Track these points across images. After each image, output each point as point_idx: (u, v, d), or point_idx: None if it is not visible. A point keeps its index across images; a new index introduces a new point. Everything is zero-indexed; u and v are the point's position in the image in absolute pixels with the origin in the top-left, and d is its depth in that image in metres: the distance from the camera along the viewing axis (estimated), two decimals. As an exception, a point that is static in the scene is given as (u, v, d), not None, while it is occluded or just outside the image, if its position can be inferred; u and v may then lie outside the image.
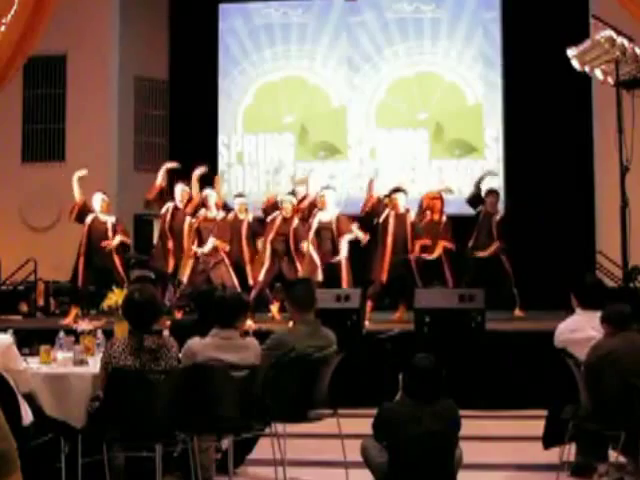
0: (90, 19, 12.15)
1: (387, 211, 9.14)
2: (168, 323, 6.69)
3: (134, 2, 12.56)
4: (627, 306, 4.85)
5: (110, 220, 9.33)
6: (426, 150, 12.01)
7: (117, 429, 4.34)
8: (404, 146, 12.04)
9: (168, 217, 9.29)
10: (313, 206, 9.19)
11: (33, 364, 4.76)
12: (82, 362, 4.85)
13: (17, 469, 2.59)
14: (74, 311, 9.05)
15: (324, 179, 12.16)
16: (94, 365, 4.70)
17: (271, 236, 9.00)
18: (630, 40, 6.42)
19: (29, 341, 5.35)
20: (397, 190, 9.20)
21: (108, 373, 4.37)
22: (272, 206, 9.32)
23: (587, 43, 6.70)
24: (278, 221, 9.06)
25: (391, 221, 9.01)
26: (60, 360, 4.90)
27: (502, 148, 11.84)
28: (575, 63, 6.84)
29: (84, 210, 9.30)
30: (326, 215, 8.94)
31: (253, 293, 8.78)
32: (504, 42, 11.91)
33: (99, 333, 5.43)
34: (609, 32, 6.37)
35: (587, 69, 6.82)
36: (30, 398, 4.41)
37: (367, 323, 8.04)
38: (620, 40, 6.33)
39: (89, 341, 5.18)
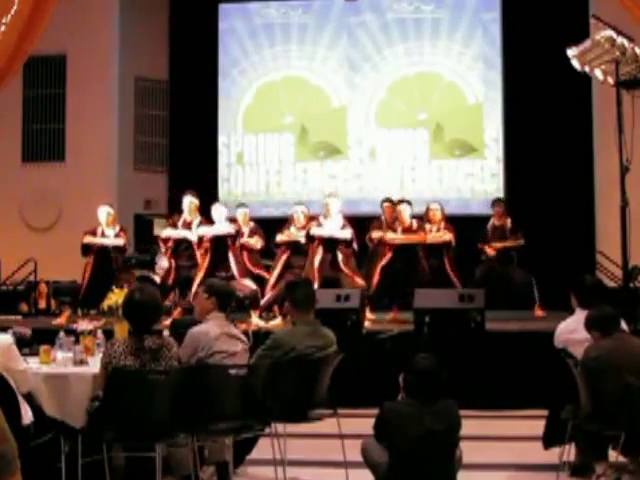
0: (90, 19, 12.15)
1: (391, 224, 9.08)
2: (168, 323, 6.70)
3: (134, 2, 12.55)
4: (609, 308, 4.86)
5: (113, 232, 9.22)
6: (426, 150, 12.01)
7: (117, 429, 4.34)
8: (404, 146, 12.04)
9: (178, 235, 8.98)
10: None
11: (33, 364, 4.75)
12: (82, 362, 4.85)
13: (17, 470, 2.60)
14: (67, 311, 9.08)
15: (324, 179, 12.21)
16: (94, 365, 4.70)
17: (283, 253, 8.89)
18: (630, 40, 6.42)
19: (29, 341, 5.35)
20: (401, 201, 9.09)
21: (108, 373, 4.37)
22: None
23: (587, 43, 6.70)
24: (292, 234, 8.87)
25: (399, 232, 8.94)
26: (60, 360, 4.89)
27: (502, 148, 11.84)
28: (575, 63, 6.84)
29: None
30: (330, 224, 8.79)
31: (264, 300, 8.69)
32: (504, 42, 11.91)
33: (99, 333, 5.43)
34: (609, 32, 6.37)
35: (587, 69, 6.82)
36: (30, 398, 4.41)
37: (367, 323, 8.05)
38: (620, 40, 6.33)
39: (89, 341, 5.18)
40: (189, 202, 9.03)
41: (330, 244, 8.60)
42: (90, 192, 12.01)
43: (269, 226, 9.78)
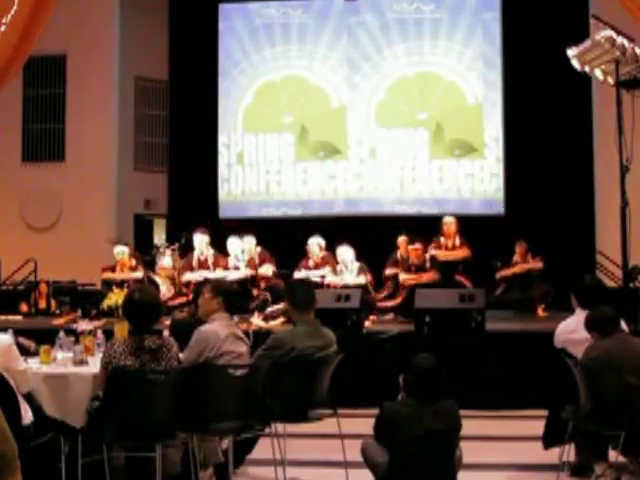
0: (90, 19, 12.15)
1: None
2: (168, 323, 6.69)
3: (134, 2, 12.55)
4: (609, 309, 4.86)
5: (128, 267, 9.35)
6: (426, 150, 12.01)
7: (117, 429, 4.34)
8: (404, 146, 12.04)
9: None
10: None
11: (33, 364, 4.75)
12: (82, 362, 4.85)
13: (17, 470, 2.60)
14: (71, 314, 9.12)
15: (324, 179, 12.20)
16: (94, 365, 4.70)
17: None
18: (630, 40, 6.43)
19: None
20: (415, 240, 9.15)
21: (108, 373, 4.37)
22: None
23: (587, 43, 6.71)
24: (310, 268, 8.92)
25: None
26: (60, 360, 4.89)
27: (502, 148, 11.83)
28: (575, 63, 6.84)
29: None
30: (345, 273, 8.81)
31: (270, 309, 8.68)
32: (504, 42, 11.90)
33: (99, 333, 5.43)
34: (609, 32, 6.38)
35: (587, 69, 6.83)
36: (30, 398, 4.41)
37: (367, 323, 8.05)
38: (620, 40, 6.34)
39: (89, 341, 5.18)
40: (200, 240, 9.16)
41: None
42: (90, 192, 12.03)
43: (269, 226, 9.80)
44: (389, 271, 9.32)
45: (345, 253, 8.94)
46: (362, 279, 8.73)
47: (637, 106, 6.40)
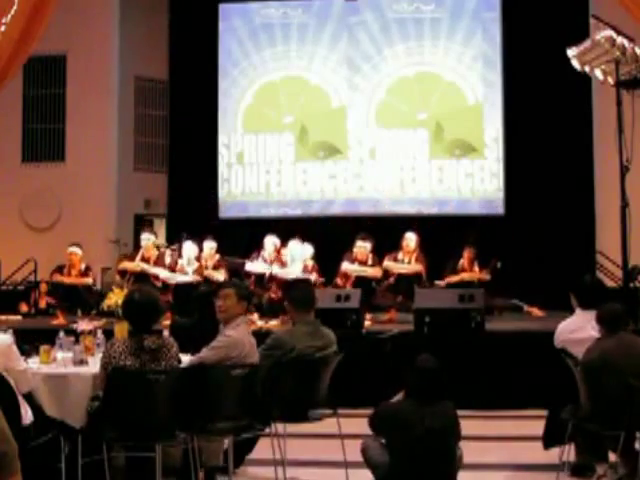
0: (90, 19, 12.14)
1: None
2: (168, 323, 6.70)
3: (134, 2, 12.55)
4: (619, 306, 4.86)
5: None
6: (426, 150, 12.01)
7: (117, 429, 4.34)
8: (404, 146, 12.04)
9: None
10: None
11: (33, 364, 4.76)
12: (82, 362, 4.85)
13: (17, 470, 2.60)
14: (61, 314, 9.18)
15: (324, 179, 12.20)
16: (94, 365, 4.71)
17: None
18: (630, 40, 6.43)
19: (29, 341, 5.34)
20: (364, 238, 9.12)
21: (108, 373, 4.37)
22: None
23: (587, 43, 6.71)
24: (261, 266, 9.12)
25: None
26: (60, 360, 4.90)
27: (502, 148, 11.83)
28: (575, 63, 6.85)
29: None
30: (292, 267, 8.87)
31: None
32: (504, 42, 11.90)
33: (99, 333, 5.44)
34: (609, 32, 6.38)
35: (587, 69, 6.83)
36: (30, 398, 4.41)
37: (367, 323, 8.05)
38: (620, 40, 6.34)
39: (89, 341, 5.19)
40: (147, 239, 9.30)
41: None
42: (90, 192, 12.03)
43: (269, 226, 9.80)
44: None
45: (293, 248, 9.00)
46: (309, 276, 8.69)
47: (637, 106, 6.41)
